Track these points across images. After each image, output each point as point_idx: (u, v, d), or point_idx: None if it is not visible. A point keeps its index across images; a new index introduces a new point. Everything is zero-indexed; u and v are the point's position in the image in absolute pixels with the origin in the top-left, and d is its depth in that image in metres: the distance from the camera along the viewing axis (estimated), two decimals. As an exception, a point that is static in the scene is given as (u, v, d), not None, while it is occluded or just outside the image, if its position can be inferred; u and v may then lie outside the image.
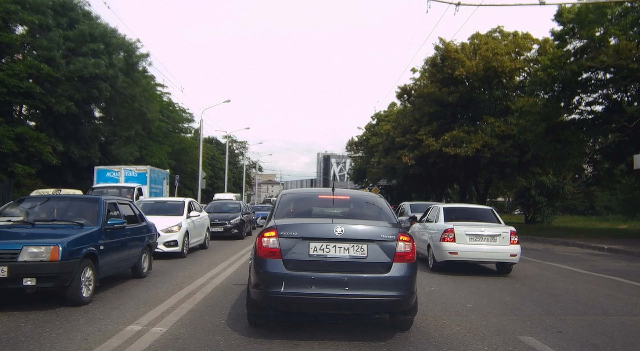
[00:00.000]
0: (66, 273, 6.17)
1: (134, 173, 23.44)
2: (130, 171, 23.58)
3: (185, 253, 12.34)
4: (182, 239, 12.16)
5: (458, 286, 8.69)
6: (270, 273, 4.93)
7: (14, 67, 23.95)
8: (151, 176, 23.89)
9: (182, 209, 13.38)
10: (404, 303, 5.10)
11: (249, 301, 5.38)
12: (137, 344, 4.86)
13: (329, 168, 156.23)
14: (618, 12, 20.12)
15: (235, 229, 18.91)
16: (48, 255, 6.05)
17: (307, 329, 5.48)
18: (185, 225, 12.56)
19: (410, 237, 5.30)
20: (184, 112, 51.64)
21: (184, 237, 12.34)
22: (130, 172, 23.49)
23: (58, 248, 6.10)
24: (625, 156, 22.86)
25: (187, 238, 12.55)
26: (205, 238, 14.69)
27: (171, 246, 11.91)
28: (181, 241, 12.12)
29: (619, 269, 11.69)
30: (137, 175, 23.32)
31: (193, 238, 13.20)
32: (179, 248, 12.02)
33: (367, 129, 58.17)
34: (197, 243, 13.86)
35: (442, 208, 11.47)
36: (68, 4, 29.29)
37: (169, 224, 12.12)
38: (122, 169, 23.74)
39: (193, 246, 13.36)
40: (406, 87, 37.52)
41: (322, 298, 4.92)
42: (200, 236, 14.18)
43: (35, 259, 6.03)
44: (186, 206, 13.60)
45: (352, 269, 4.98)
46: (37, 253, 6.06)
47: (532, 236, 21.08)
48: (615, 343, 5.27)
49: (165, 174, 27.57)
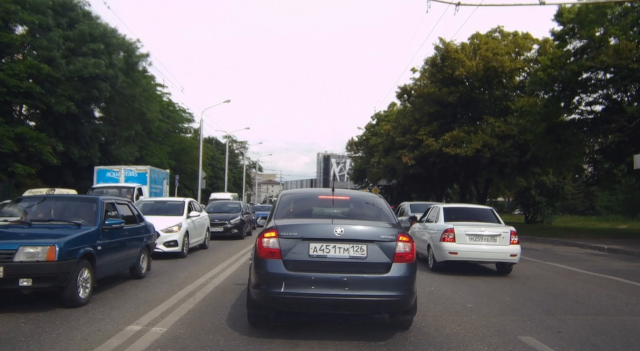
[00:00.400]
0: (63, 274, 6.10)
1: (134, 173, 23.40)
2: (130, 171, 23.54)
3: (185, 253, 12.31)
4: (182, 239, 12.13)
5: (458, 286, 8.69)
6: (270, 273, 4.94)
7: (14, 67, 23.97)
8: (151, 176, 23.84)
9: (182, 209, 13.35)
10: (403, 303, 5.11)
11: (249, 301, 5.38)
12: (137, 344, 4.85)
13: (329, 168, 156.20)
14: (618, 12, 20.10)
15: (235, 229, 18.89)
16: (44, 255, 5.97)
17: (307, 329, 5.48)
18: (185, 225, 12.54)
19: (410, 237, 5.30)
20: (184, 112, 51.65)
21: (184, 237, 12.31)
22: (130, 173, 23.46)
23: (55, 248, 6.03)
24: (625, 156, 22.86)
25: (187, 238, 12.51)
26: (205, 238, 14.66)
27: (171, 246, 11.88)
28: (181, 241, 12.09)
29: (619, 269, 11.69)
30: (137, 175, 23.28)
31: (193, 238, 13.17)
32: (179, 248, 11.99)
33: (367, 129, 58.19)
34: (197, 243, 13.82)
35: (442, 208, 11.47)
36: (68, 4, 29.29)
37: (169, 224, 12.10)
38: (122, 169, 23.68)
39: (193, 246, 13.32)
40: (406, 87, 37.54)
41: (322, 298, 4.92)
42: (200, 236, 14.14)
43: (31, 260, 5.95)
44: (186, 206, 13.56)
45: (352, 270, 4.98)
46: (34, 253, 5.98)
47: (532, 236, 21.08)
48: (615, 343, 5.27)
49: (165, 174, 27.49)
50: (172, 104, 49.48)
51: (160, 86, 45.19)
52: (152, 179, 23.93)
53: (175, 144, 47.58)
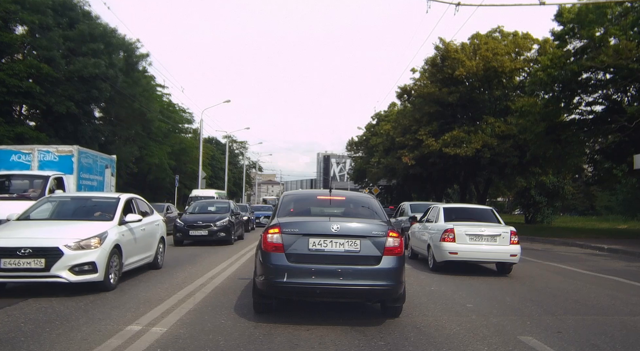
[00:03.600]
0: None
1: (54, 156, 16.08)
2: (47, 153, 16.13)
3: (112, 282, 7.64)
4: (105, 260, 7.42)
5: (458, 286, 8.69)
6: (274, 265, 5.50)
7: (14, 67, 23.99)
8: (81, 161, 16.27)
9: (113, 211, 8.50)
10: (393, 292, 5.69)
11: (254, 290, 5.96)
12: (137, 344, 4.85)
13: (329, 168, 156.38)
14: (618, 12, 20.10)
15: (222, 232, 16.20)
16: None
17: (307, 329, 5.48)
18: (114, 237, 7.86)
19: (399, 233, 5.87)
20: (184, 112, 51.72)
21: (111, 256, 7.64)
22: (48, 155, 16.09)
23: None
24: (625, 156, 22.83)
25: (117, 258, 7.91)
26: (157, 253, 9.96)
27: (84, 272, 7.15)
28: (103, 264, 7.37)
29: (619, 269, 11.68)
30: (58, 159, 16.03)
31: (132, 256, 8.64)
32: (97, 274, 7.26)
33: (367, 129, 58.17)
34: (142, 262, 9.23)
35: (442, 208, 11.46)
36: (68, 4, 29.29)
37: (83, 234, 7.40)
38: (36, 151, 16.09)
39: (133, 268, 8.75)
40: (406, 87, 37.54)
41: (320, 287, 5.46)
42: (148, 252, 9.50)
43: None
44: (121, 206, 8.66)
45: (347, 262, 5.55)
46: None
47: (532, 236, 21.07)
48: (615, 343, 5.27)
49: (108, 160, 18.85)
50: (172, 104, 49.55)
51: (160, 86, 45.26)
52: (83, 166, 16.50)
53: (175, 144, 47.60)
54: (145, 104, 35.36)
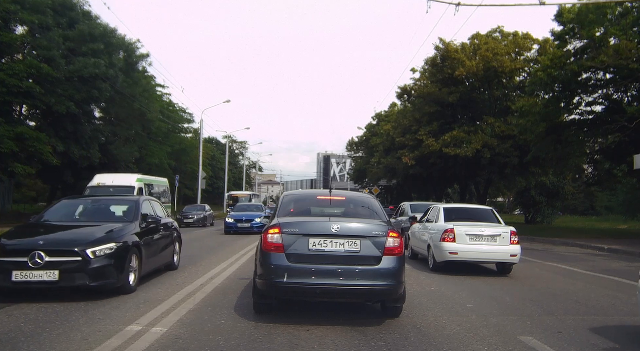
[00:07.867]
0: None
1: None
2: None
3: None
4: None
5: (458, 286, 8.68)
6: (274, 265, 5.47)
7: (14, 67, 23.90)
8: None
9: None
10: (393, 292, 5.67)
11: (255, 290, 5.93)
12: (137, 344, 4.85)
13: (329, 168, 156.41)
14: (618, 12, 20.10)
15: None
16: None
17: (307, 329, 5.48)
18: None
19: (399, 233, 5.84)
20: (184, 112, 51.61)
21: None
22: None
23: None
24: (625, 156, 22.84)
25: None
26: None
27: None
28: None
29: (619, 269, 11.68)
30: None
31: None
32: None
33: (367, 129, 58.23)
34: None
35: (442, 208, 11.46)
36: (68, 4, 29.24)
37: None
38: None
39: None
40: (406, 87, 37.57)
41: (320, 287, 5.44)
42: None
43: None
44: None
45: (347, 262, 5.53)
46: None
47: (532, 236, 21.07)
48: (615, 343, 5.26)
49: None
50: (172, 104, 49.45)
51: (160, 86, 45.19)
52: None
53: (175, 144, 47.53)
54: (145, 104, 35.31)
